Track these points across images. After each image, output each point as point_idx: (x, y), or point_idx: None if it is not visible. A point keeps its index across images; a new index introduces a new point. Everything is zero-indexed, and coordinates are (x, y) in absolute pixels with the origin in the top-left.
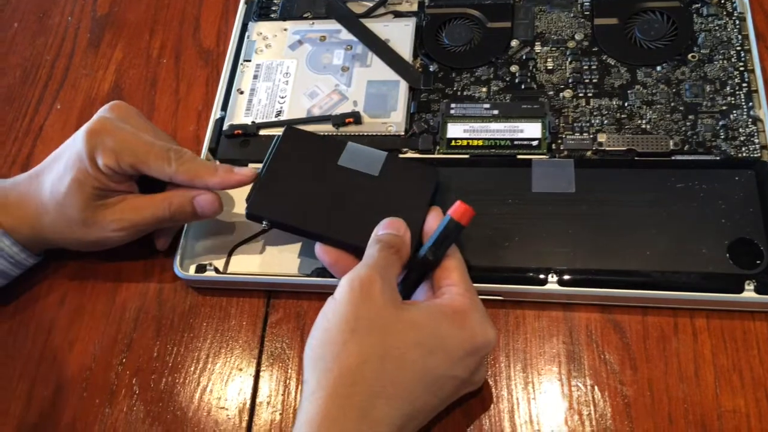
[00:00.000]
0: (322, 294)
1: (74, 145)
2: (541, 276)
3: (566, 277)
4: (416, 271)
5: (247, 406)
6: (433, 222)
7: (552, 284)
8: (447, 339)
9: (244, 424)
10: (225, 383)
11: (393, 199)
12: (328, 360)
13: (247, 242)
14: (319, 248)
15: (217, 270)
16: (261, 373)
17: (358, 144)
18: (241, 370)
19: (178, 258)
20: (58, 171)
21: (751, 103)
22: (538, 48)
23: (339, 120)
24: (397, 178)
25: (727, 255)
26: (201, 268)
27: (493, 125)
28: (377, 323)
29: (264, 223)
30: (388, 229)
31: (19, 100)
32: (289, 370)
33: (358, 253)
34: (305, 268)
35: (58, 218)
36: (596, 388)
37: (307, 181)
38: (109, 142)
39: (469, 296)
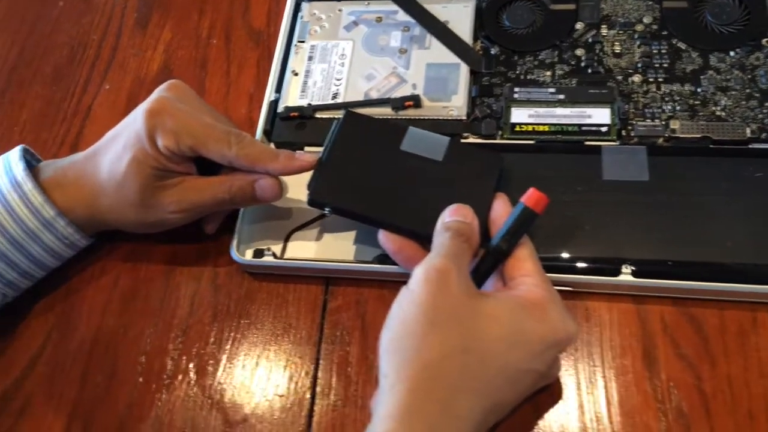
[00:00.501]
0: (383, 282)
1: (133, 124)
2: (615, 267)
3: (641, 268)
4: (488, 261)
5: (307, 395)
6: (501, 209)
7: (626, 275)
8: (528, 333)
9: (304, 413)
10: (284, 371)
11: (457, 185)
12: (408, 353)
13: (305, 227)
14: (383, 235)
15: (275, 255)
16: (321, 361)
17: (419, 129)
18: (300, 358)
19: (234, 242)
20: (116, 151)
21: None
22: (604, 31)
23: (398, 103)
24: (460, 164)
25: None
26: (259, 253)
27: (559, 110)
28: (456, 315)
29: (326, 209)
30: (455, 215)
31: (66, 79)
32: (350, 358)
33: (421, 240)
34: (365, 255)
35: (115, 199)
36: (672, 383)
37: (369, 166)
38: (169, 123)
39: (546, 287)
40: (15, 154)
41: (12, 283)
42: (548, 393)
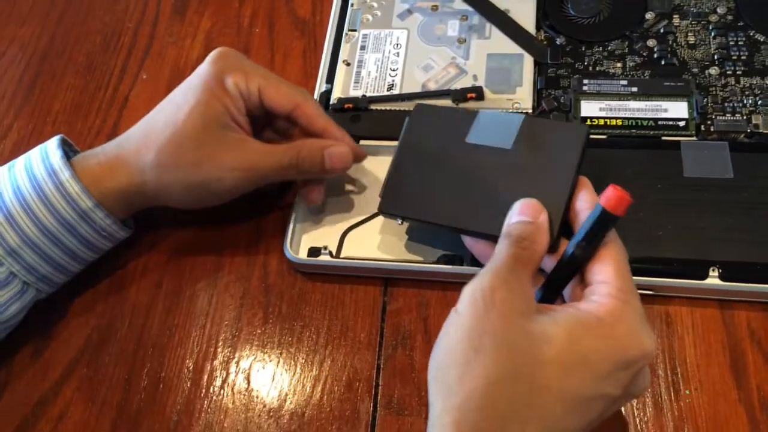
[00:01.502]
0: (447, 283)
1: (195, 75)
2: (701, 270)
3: (729, 271)
4: (563, 270)
5: (368, 403)
6: (584, 202)
7: (713, 278)
8: (589, 355)
9: (365, 422)
10: (343, 377)
11: (533, 172)
12: (452, 382)
13: (362, 224)
14: (467, 241)
15: (331, 254)
16: (381, 368)
17: (492, 112)
18: (359, 363)
19: (288, 240)
20: (173, 106)
21: None
22: (676, 21)
23: (460, 95)
24: (535, 146)
25: None
26: (314, 252)
27: (633, 104)
28: (504, 339)
29: (398, 220)
30: (521, 215)
31: (100, 68)
32: (414, 364)
33: None
34: (427, 254)
35: (166, 160)
36: (763, 392)
37: (439, 166)
38: (238, 63)
39: (622, 297)
40: (53, 143)
41: (46, 278)
42: (628, 405)
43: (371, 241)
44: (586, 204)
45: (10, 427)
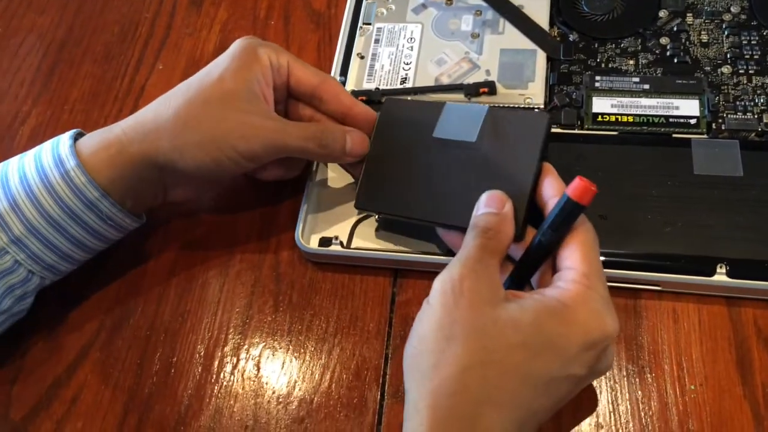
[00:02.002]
0: None
1: (227, 51)
2: (708, 266)
3: (736, 268)
4: (531, 257)
5: (376, 392)
6: (551, 189)
7: (720, 275)
8: (554, 338)
9: (372, 409)
10: (351, 366)
11: (498, 164)
12: (426, 370)
13: (372, 215)
14: (440, 233)
15: (342, 244)
16: (390, 357)
17: (457, 104)
18: (367, 352)
19: (299, 230)
20: (204, 71)
21: None
22: (690, 20)
23: (472, 90)
24: (500, 136)
25: None
26: (325, 242)
27: (644, 101)
28: (474, 327)
29: (375, 216)
30: (486, 207)
31: (117, 58)
32: None
33: None
34: (436, 246)
35: (186, 114)
36: (767, 389)
37: (410, 161)
38: (267, 43)
39: (586, 283)
40: (66, 134)
41: (52, 267)
42: (634, 397)
43: (382, 231)
44: (552, 191)
45: (25, 409)
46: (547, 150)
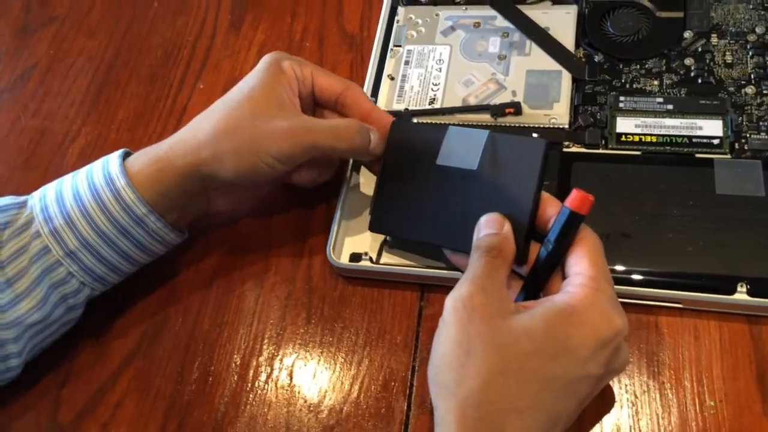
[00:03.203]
0: None
1: (252, 72)
2: (729, 285)
3: (757, 287)
4: (539, 270)
5: (403, 403)
6: (552, 209)
7: (741, 294)
8: (567, 341)
9: (399, 420)
10: (378, 377)
11: (498, 189)
12: (450, 386)
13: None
14: (448, 253)
15: (371, 260)
16: (416, 369)
17: (460, 128)
18: (395, 364)
19: (330, 245)
20: (234, 90)
21: None
22: (714, 40)
23: (498, 110)
24: (499, 163)
25: None
26: (355, 258)
27: (668, 121)
28: (489, 339)
29: (387, 237)
30: (487, 228)
31: (161, 80)
32: None
33: None
34: (446, 263)
35: (224, 125)
36: None
37: (417, 186)
38: (291, 56)
39: (593, 285)
40: (115, 154)
41: (101, 278)
42: (653, 413)
43: (410, 248)
44: (553, 212)
45: (73, 412)
46: (545, 173)
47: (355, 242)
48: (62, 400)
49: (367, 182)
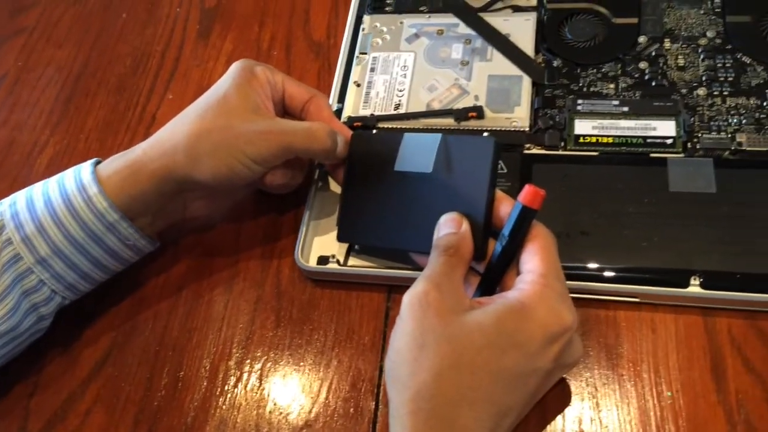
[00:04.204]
0: None
1: (224, 75)
2: (683, 278)
3: (709, 280)
4: (495, 265)
5: (371, 402)
6: (507, 207)
7: (694, 287)
8: (516, 335)
9: (367, 419)
10: (347, 378)
11: (454, 189)
12: (404, 379)
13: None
14: (414, 257)
15: (339, 263)
16: (383, 368)
17: (414, 135)
18: (363, 365)
19: (298, 249)
20: (207, 94)
21: None
22: (667, 45)
23: (461, 114)
24: (452, 165)
25: None
26: (322, 260)
27: (624, 122)
28: (443, 334)
29: (356, 246)
30: (445, 228)
31: (130, 89)
32: None
33: None
34: (413, 266)
35: (199, 127)
36: (741, 396)
37: (379, 194)
38: (260, 64)
39: (542, 282)
40: (87, 163)
41: (73, 286)
42: (613, 404)
43: (377, 253)
44: (508, 209)
45: (42, 421)
46: (497, 170)
47: (322, 245)
48: (31, 410)
49: (335, 186)
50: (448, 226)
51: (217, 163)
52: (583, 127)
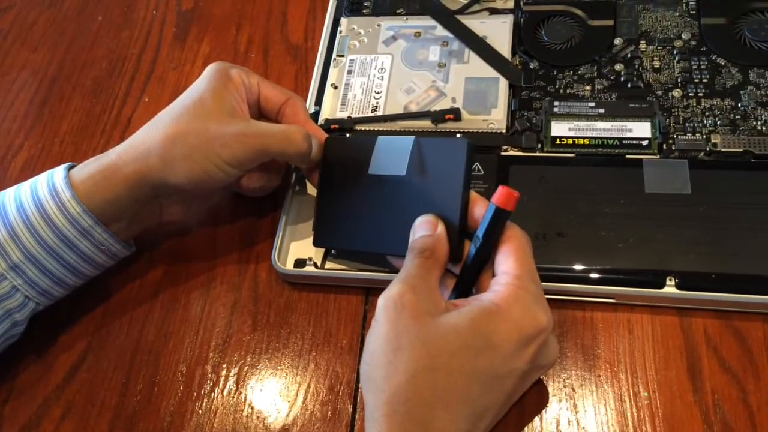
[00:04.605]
0: None
1: (200, 78)
2: (659, 279)
3: (685, 280)
4: (470, 267)
5: (348, 405)
6: (481, 209)
7: (670, 288)
8: (491, 336)
9: (345, 422)
10: (324, 381)
11: (428, 192)
12: (379, 381)
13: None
14: (390, 259)
15: (316, 265)
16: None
17: (388, 138)
18: (341, 367)
19: (275, 252)
20: (182, 97)
21: None
22: (643, 47)
23: (438, 116)
24: (427, 165)
25: None
26: (299, 263)
27: (600, 124)
28: (418, 336)
29: (332, 251)
30: (421, 230)
31: (105, 92)
32: None
33: None
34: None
35: (174, 130)
36: (717, 396)
37: (354, 197)
38: (236, 66)
39: (517, 284)
40: (60, 167)
41: (47, 292)
42: (591, 405)
43: (354, 257)
44: (483, 210)
45: (17, 426)
46: (471, 173)
47: (299, 248)
48: (5, 416)
49: (311, 189)
50: (424, 228)
51: (192, 166)
52: (559, 128)
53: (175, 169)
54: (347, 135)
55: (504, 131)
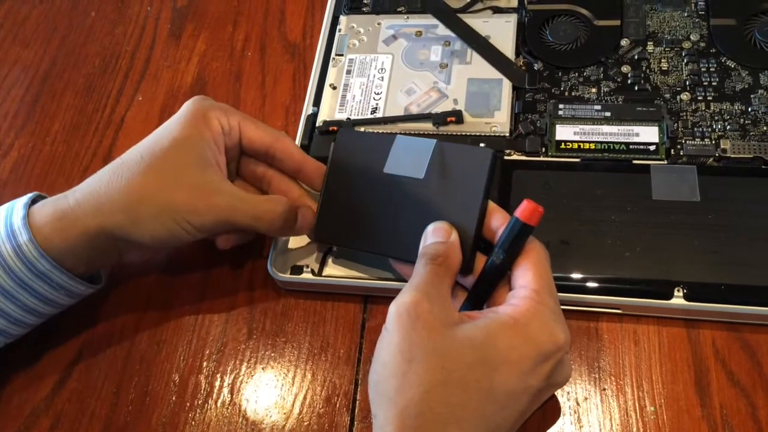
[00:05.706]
0: None
1: (176, 115)
2: (666, 290)
3: (693, 291)
4: (486, 279)
5: (346, 417)
6: (499, 220)
7: (678, 298)
8: (509, 352)
9: None
10: (321, 391)
11: (445, 199)
12: (390, 394)
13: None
14: (394, 265)
15: (313, 272)
16: (359, 382)
17: (407, 137)
18: (338, 378)
19: (271, 258)
20: (153, 139)
21: None
22: (650, 48)
23: (440, 119)
24: (447, 171)
25: None
26: (296, 270)
27: (606, 128)
28: (432, 348)
29: (333, 247)
30: (433, 237)
31: (98, 90)
32: None
33: None
34: (392, 273)
35: (140, 188)
36: (725, 410)
37: (364, 194)
38: (217, 105)
39: (536, 298)
40: (21, 202)
41: (4, 331)
42: (596, 419)
43: (352, 260)
44: (500, 222)
45: None
46: (492, 183)
47: (296, 255)
48: None
49: (311, 194)
50: (436, 235)
51: (158, 227)
52: (564, 132)
53: (140, 229)
54: (362, 129)
55: (507, 134)
